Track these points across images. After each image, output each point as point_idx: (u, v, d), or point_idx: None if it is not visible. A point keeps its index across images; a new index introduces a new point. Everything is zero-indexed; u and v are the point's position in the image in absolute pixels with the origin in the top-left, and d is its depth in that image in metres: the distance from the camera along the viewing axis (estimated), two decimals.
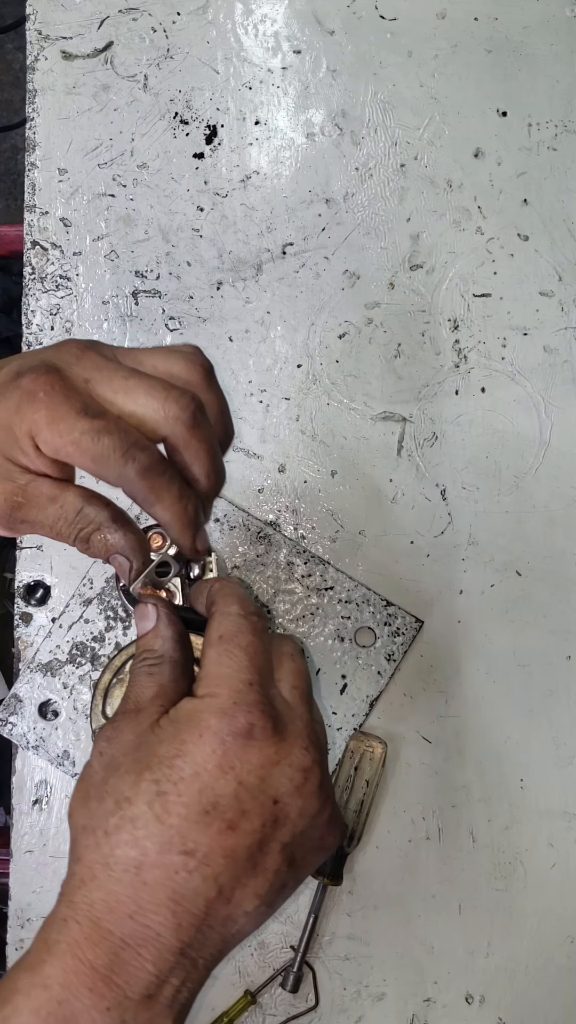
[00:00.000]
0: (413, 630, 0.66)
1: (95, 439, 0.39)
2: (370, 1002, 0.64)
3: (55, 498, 0.42)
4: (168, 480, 0.41)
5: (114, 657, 0.48)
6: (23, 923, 0.65)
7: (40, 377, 0.39)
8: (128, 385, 0.40)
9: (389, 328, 0.70)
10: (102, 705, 0.47)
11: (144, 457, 0.40)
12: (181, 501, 0.41)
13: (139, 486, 0.40)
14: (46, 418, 0.39)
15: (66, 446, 0.39)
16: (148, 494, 0.40)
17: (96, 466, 0.40)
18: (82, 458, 0.39)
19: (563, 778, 0.65)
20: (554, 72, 0.72)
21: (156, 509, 0.41)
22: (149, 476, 0.40)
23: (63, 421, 0.39)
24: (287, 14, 0.73)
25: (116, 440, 0.39)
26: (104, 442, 0.39)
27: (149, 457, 0.40)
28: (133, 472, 0.40)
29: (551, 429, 0.69)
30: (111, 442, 0.39)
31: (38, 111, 0.72)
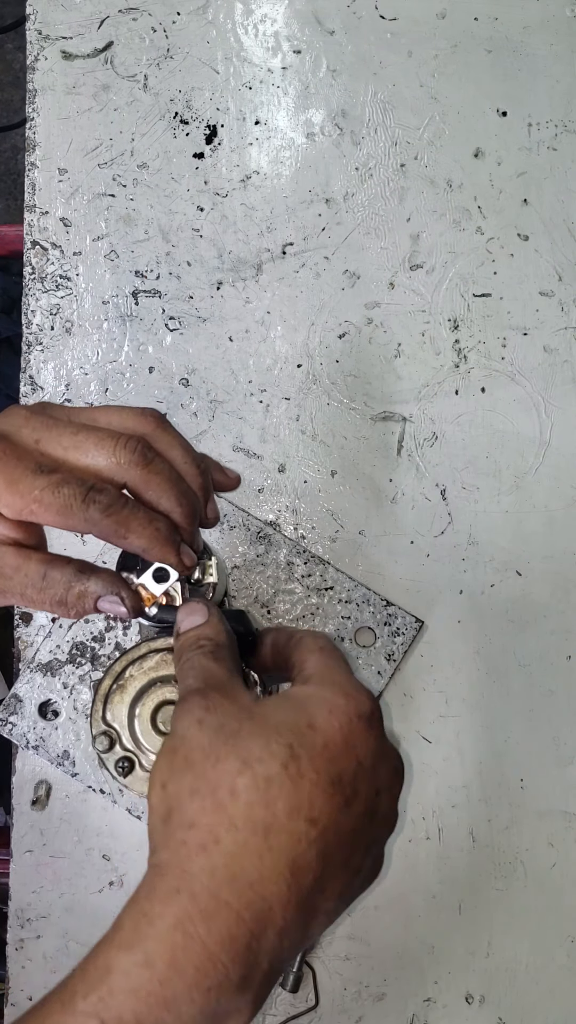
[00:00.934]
0: (413, 630, 0.66)
1: (54, 492, 0.40)
2: (370, 1002, 0.64)
3: (19, 567, 0.43)
4: (131, 510, 0.42)
5: (114, 663, 0.48)
6: (23, 923, 0.65)
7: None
8: (77, 440, 0.42)
9: (389, 328, 0.70)
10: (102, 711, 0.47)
11: (104, 497, 0.41)
12: (151, 524, 0.42)
13: (106, 524, 0.41)
14: (3, 481, 0.40)
15: (28, 505, 0.40)
16: (117, 528, 0.41)
17: (61, 518, 0.41)
18: (46, 513, 0.40)
19: (563, 778, 0.65)
20: (554, 72, 0.72)
21: (130, 540, 0.42)
22: (113, 512, 0.41)
23: (21, 482, 0.40)
24: (287, 14, 0.73)
25: (74, 488, 0.40)
26: (64, 492, 0.40)
27: (108, 496, 0.41)
28: (97, 513, 0.41)
29: (551, 429, 0.69)
30: (70, 491, 0.40)
31: (38, 111, 0.72)
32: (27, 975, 0.65)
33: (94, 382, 0.70)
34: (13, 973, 0.65)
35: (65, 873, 0.65)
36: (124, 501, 0.42)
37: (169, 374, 0.70)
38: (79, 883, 0.65)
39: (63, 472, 0.41)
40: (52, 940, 0.65)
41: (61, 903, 0.65)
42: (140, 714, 0.47)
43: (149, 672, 0.48)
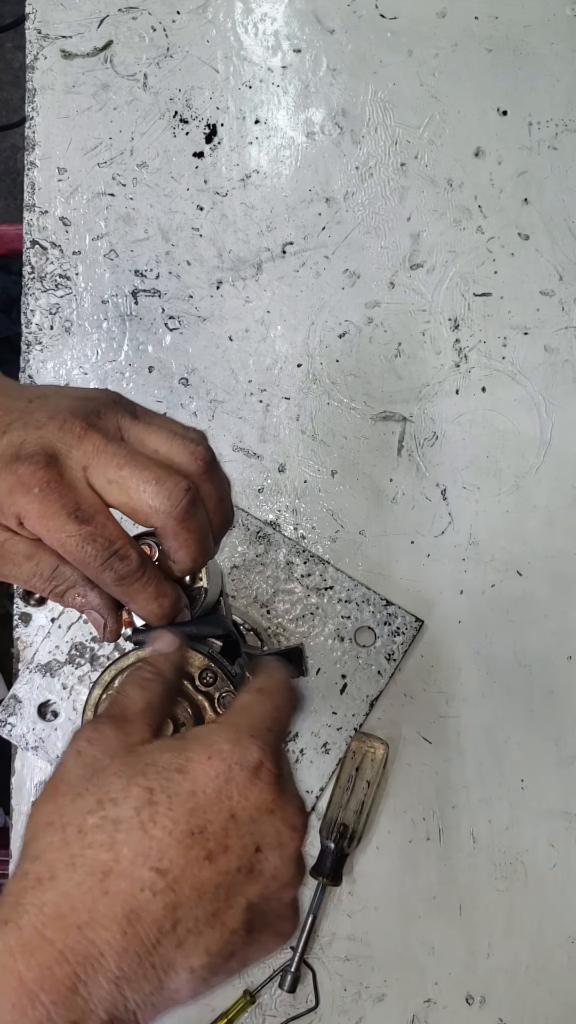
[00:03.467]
0: (413, 630, 0.65)
1: (79, 545, 0.40)
2: (370, 1003, 0.64)
3: (31, 556, 0.43)
4: (143, 584, 0.42)
5: (103, 672, 0.47)
6: None
7: (38, 472, 0.40)
8: (122, 475, 0.41)
9: (389, 327, 0.70)
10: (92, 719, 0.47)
11: (121, 567, 0.41)
12: (155, 601, 0.43)
13: (113, 591, 0.42)
14: (37, 512, 0.40)
15: (51, 541, 0.41)
16: (122, 598, 0.43)
17: (75, 562, 0.41)
18: (64, 555, 0.41)
19: (563, 778, 0.65)
20: (555, 71, 0.72)
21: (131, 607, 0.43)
22: (123, 584, 0.42)
23: (53, 519, 0.40)
24: (287, 13, 0.73)
25: (98, 549, 0.41)
26: (87, 550, 0.40)
27: (126, 567, 0.41)
28: (109, 580, 0.41)
29: (552, 428, 0.68)
30: (93, 550, 0.40)
31: (37, 110, 0.72)
32: None
33: (94, 382, 0.70)
34: None
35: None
36: (139, 574, 0.42)
37: (169, 374, 0.70)
38: None
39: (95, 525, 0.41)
40: None
41: None
42: None
43: None
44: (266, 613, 0.67)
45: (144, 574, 0.42)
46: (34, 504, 0.40)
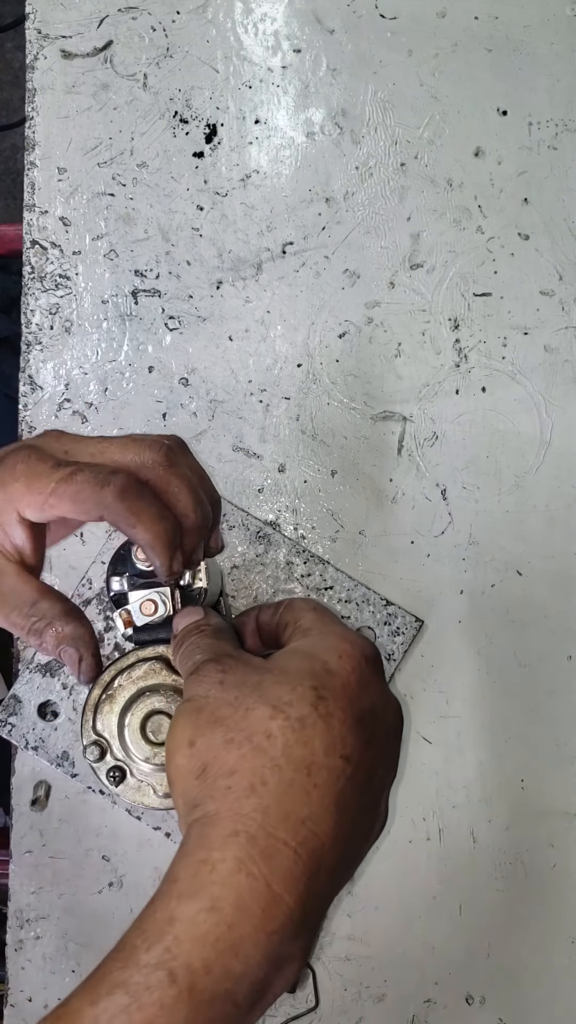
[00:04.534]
0: (413, 629, 0.65)
1: (69, 480, 0.42)
2: (371, 1003, 0.64)
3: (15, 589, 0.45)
4: (147, 502, 0.43)
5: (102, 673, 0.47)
6: (23, 924, 0.65)
7: (20, 451, 0.43)
8: (103, 446, 0.44)
9: (389, 327, 0.70)
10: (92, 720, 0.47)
11: (119, 479, 0.42)
12: (161, 522, 0.43)
13: (118, 508, 0.42)
14: (25, 482, 0.42)
15: (46, 499, 0.42)
16: (128, 515, 0.42)
17: (76, 505, 0.42)
18: (61, 503, 0.42)
19: (563, 778, 0.65)
20: (554, 71, 0.72)
21: (138, 531, 0.43)
22: (127, 497, 0.42)
23: (40, 478, 0.42)
24: (287, 13, 0.73)
25: (88, 474, 0.42)
26: (78, 479, 0.42)
27: (124, 479, 0.42)
28: (111, 496, 0.42)
29: (552, 428, 0.68)
30: (84, 477, 0.42)
31: (37, 110, 0.72)
32: (27, 976, 0.64)
33: (93, 381, 0.70)
34: (12, 974, 0.65)
35: (65, 874, 0.65)
36: (140, 489, 0.43)
37: (169, 374, 0.70)
38: (79, 884, 0.65)
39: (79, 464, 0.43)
40: (52, 941, 0.65)
41: (61, 904, 0.65)
42: (130, 723, 0.47)
43: (138, 681, 0.48)
44: None
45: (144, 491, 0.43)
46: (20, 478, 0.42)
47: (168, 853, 0.65)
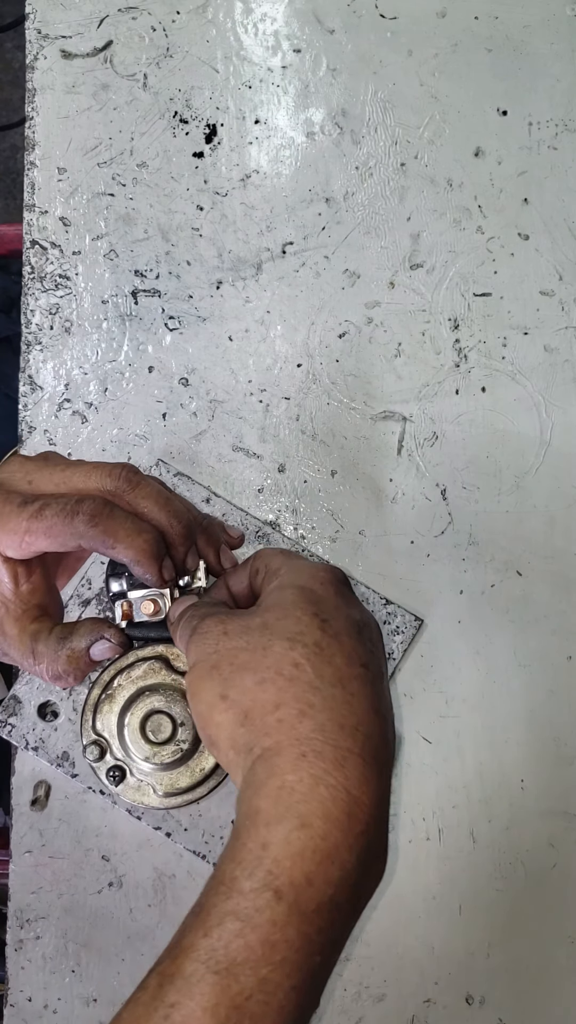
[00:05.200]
0: (413, 628, 0.65)
1: (39, 515, 0.43)
2: (370, 1003, 0.64)
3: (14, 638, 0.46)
4: (120, 521, 0.44)
5: (102, 672, 0.47)
6: (23, 924, 0.65)
7: None
8: (67, 475, 0.45)
9: (389, 327, 0.70)
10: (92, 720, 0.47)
11: (88, 506, 0.44)
12: (139, 535, 0.44)
13: (93, 534, 0.43)
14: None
15: (21, 537, 0.43)
16: (104, 538, 0.44)
17: (51, 538, 0.43)
18: (37, 539, 0.44)
19: (563, 778, 0.65)
20: (555, 71, 0.72)
21: (118, 550, 0.44)
22: (98, 520, 0.43)
23: (10, 519, 0.43)
24: (287, 13, 0.73)
25: (57, 506, 0.43)
26: (47, 514, 0.43)
27: (92, 504, 0.44)
28: (83, 524, 0.43)
29: (551, 429, 0.68)
30: (52, 511, 0.43)
31: (37, 110, 0.72)
32: (27, 975, 0.64)
33: (93, 382, 0.70)
34: (12, 974, 0.65)
35: (65, 874, 0.65)
36: (110, 510, 0.44)
37: (169, 374, 0.70)
38: (78, 884, 0.65)
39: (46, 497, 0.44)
40: (51, 941, 0.65)
41: (60, 904, 0.65)
42: (129, 723, 0.47)
43: (137, 681, 0.48)
44: None
45: (115, 510, 0.44)
46: None
47: (168, 853, 0.65)
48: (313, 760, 0.35)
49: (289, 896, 0.34)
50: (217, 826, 0.64)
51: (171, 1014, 0.33)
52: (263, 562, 0.45)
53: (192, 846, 0.64)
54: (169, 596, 0.48)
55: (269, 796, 0.36)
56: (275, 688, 0.37)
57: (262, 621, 0.40)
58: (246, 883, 0.34)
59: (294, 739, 0.36)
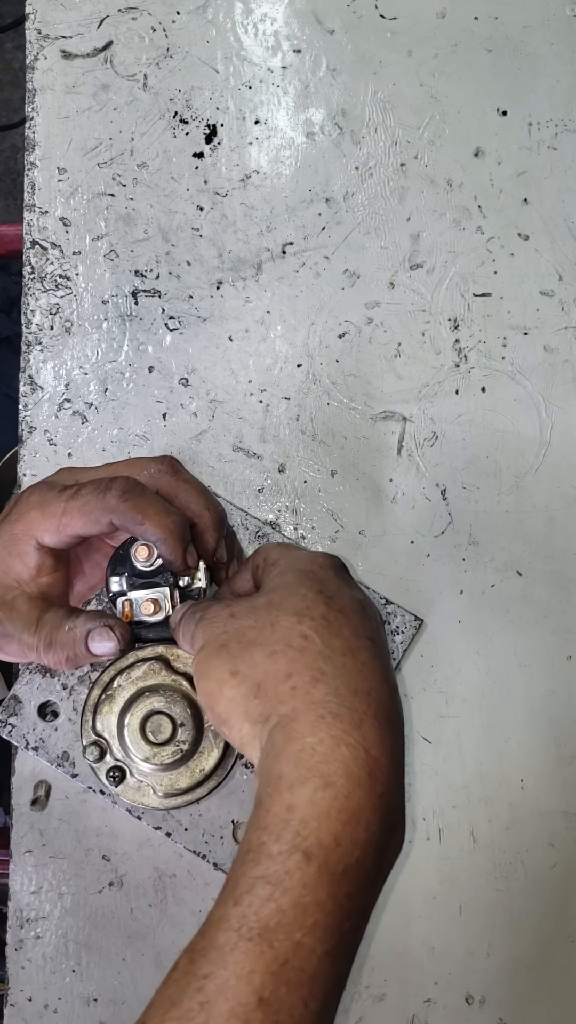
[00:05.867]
0: (413, 628, 0.65)
1: (75, 496, 0.45)
2: (370, 1003, 0.64)
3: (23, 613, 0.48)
4: (151, 499, 0.46)
5: (102, 673, 0.48)
6: (23, 923, 0.65)
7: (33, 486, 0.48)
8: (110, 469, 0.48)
9: (389, 328, 0.70)
10: (92, 720, 0.47)
11: (120, 483, 0.46)
12: (168, 516, 0.46)
13: (123, 509, 0.45)
14: (39, 510, 0.46)
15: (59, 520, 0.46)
16: (134, 514, 0.45)
17: (85, 518, 0.45)
18: (73, 521, 0.46)
19: (563, 778, 0.65)
20: (555, 71, 0.72)
21: (146, 527, 0.45)
22: (130, 497, 0.45)
23: (50, 504, 0.46)
24: (287, 13, 0.73)
25: (91, 487, 0.46)
26: (83, 492, 0.46)
27: (124, 481, 0.46)
28: (114, 499, 0.45)
29: (552, 429, 0.69)
30: (88, 489, 0.46)
31: (37, 110, 0.72)
32: (27, 975, 0.65)
33: (93, 382, 0.70)
34: (13, 973, 0.65)
35: (65, 873, 0.65)
36: (141, 489, 0.46)
37: (169, 374, 0.70)
38: (79, 883, 0.65)
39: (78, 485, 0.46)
40: (52, 940, 0.65)
41: (61, 903, 0.65)
42: (129, 723, 0.47)
43: (137, 681, 0.48)
44: None
45: (146, 490, 0.46)
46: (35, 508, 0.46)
47: (169, 853, 0.65)
48: (331, 721, 0.36)
49: (319, 857, 0.34)
50: (217, 826, 0.64)
51: (204, 985, 0.32)
52: (261, 556, 0.46)
53: (192, 846, 0.64)
54: (169, 597, 0.48)
55: (290, 760, 0.36)
56: (286, 659, 0.38)
57: (267, 600, 0.40)
58: (274, 847, 0.34)
59: (310, 703, 0.36)
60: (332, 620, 0.39)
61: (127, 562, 0.48)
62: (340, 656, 0.38)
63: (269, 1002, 0.32)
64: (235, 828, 0.65)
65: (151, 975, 0.64)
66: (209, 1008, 0.32)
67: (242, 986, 0.32)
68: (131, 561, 0.48)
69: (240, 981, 0.32)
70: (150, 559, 0.47)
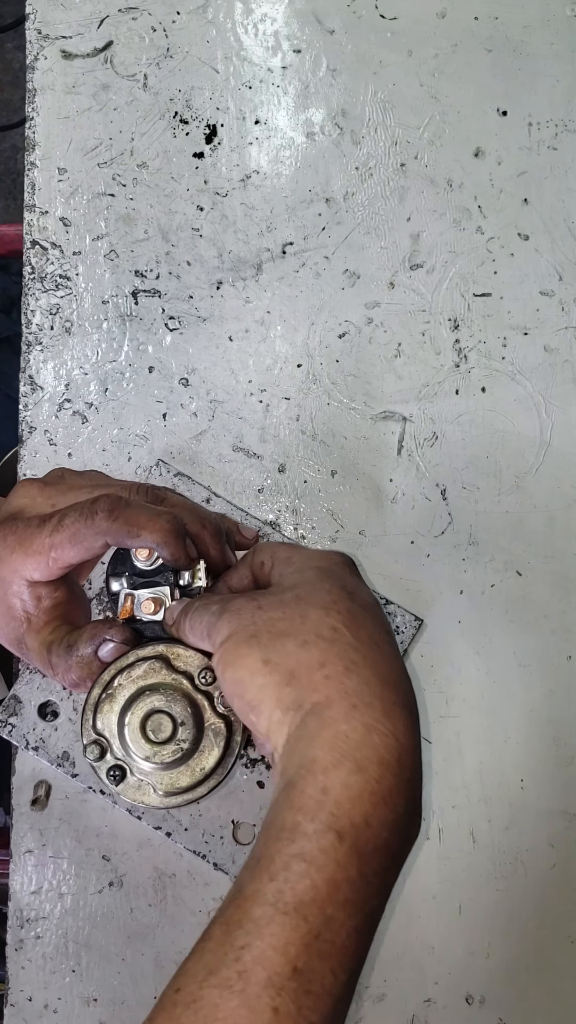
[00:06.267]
0: (412, 628, 0.65)
1: (60, 528, 0.44)
2: (370, 1003, 0.64)
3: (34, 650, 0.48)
4: (138, 507, 0.45)
5: (102, 672, 0.48)
6: (23, 923, 0.65)
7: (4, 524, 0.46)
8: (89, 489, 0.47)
9: (389, 328, 0.70)
10: (92, 719, 0.47)
11: (104, 502, 0.44)
12: (160, 518, 0.45)
13: (116, 527, 0.44)
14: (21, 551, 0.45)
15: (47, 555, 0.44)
16: (128, 528, 0.44)
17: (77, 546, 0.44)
18: (64, 554, 0.44)
19: (563, 778, 0.65)
20: (554, 71, 0.72)
21: (143, 537, 0.45)
22: (118, 512, 0.44)
23: (33, 540, 0.45)
24: (287, 13, 0.73)
25: (75, 512, 0.44)
26: (67, 522, 0.44)
27: (107, 500, 0.44)
28: (103, 520, 0.44)
29: (551, 429, 0.69)
30: (72, 517, 0.44)
31: (38, 110, 0.72)
32: (27, 975, 0.65)
33: (94, 382, 0.70)
34: (13, 973, 0.65)
35: (65, 873, 0.65)
36: (125, 501, 0.45)
37: (169, 374, 0.70)
38: (79, 883, 0.65)
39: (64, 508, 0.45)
40: (52, 941, 0.65)
41: (61, 903, 0.65)
42: (129, 723, 0.47)
43: (138, 680, 0.48)
44: None
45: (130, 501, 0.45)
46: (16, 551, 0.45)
47: (169, 852, 0.65)
48: (364, 711, 0.38)
49: (350, 836, 0.36)
50: (217, 826, 0.64)
51: (242, 956, 0.34)
52: (267, 554, 0.47)
53: (192, 846, 0.64)
54: (170, 596, 0.48)
55: (324, 745, 0.37)
56: (318, 649, 0.39)
57: (293, 596, 0.41)
58: (309, 826, 0.36)
59: (343, 692, 0.38)
60: (356, 614, 0.41)
61: (127, 561, 0.48)
62: (368, 648, 0.40)
63: (302, 972, 0.34)
64: (235, 828, 0.65)
65: (151, 975, 0.64)
66: (247, 977, 0.34)
67: (278, 957, 0.34)
68: (131, 560, 0.48)
69: (276, 952, 0.34)
70: (150, 558, 0.47)
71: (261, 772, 0.65)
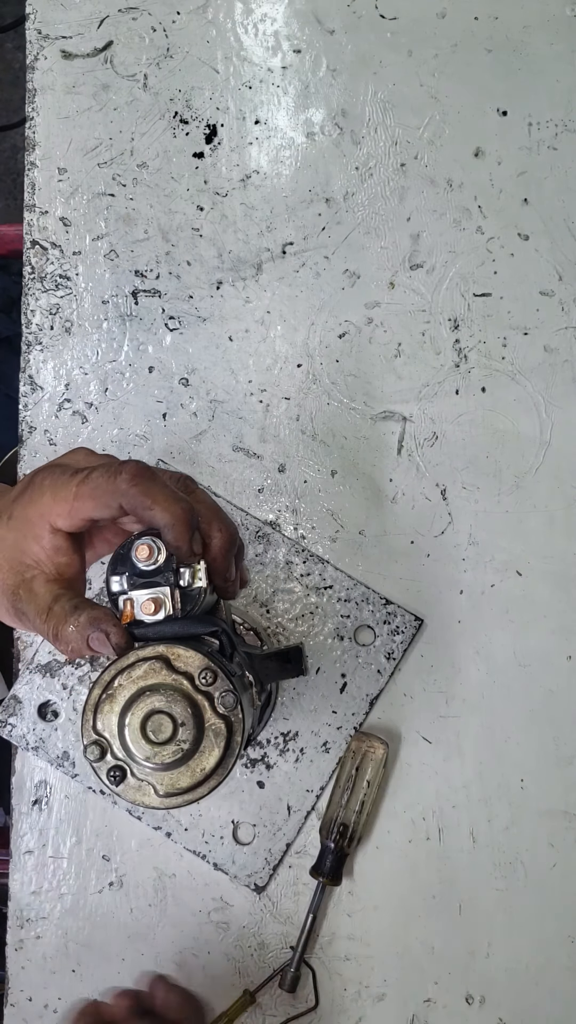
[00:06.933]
0: (412, 628, 0.65)
1: (86, 480, 0.47)
2: (370, 1003, 0.64)
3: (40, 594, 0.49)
4: (160, 486, 0.46)
5: (103, 672, 0.47)
6: (23, 923, 0.65)
7: (44, 469, 0.50)
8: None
9: (389, 328, 0.70)
10: (92, 720, 0.47)
11: (130, 467, 0.46)
12: (178, 503, 0.46)
13: (133, 493, 0.45)
14: (51, 494, 0.48)
15: (71, 504, 0.47)
16: (143, 498, 0.45)
17: (95, 500, 0.46)
18: (84, 505, 0.46)
19: (563, 778, 0.65)
20: (554, 71, 0.72)
21: (155, 512, 0.45)
22: (140, 481, 0.45)
23: (61, 488, 0.47)
24: (287, 13, 0.73)
25: (101, 470, 0.47)
26: (93, 476, 0.47)
27: (135, 466, 0.46)
28: (124, 483, 0.45)
29: (551, 429, 0.69)
30: (98, 473, 0.46)
31: (38, 110, 0.72)
32: (27, 975, 0.65)
33: (94, 382, 0.70)
34: (13, 973, 0.65)
35: (65, 873, 0.65)
36: (152, 473, 0.46)
37: (169, 374, 0.70)
38: (79, 883, 0.65)
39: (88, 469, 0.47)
40: (52, 940, 0.65)
41: (61, 903, 0.65)
42: (130, 723, 0.47)
43: (138, 681, 0.48)
44: (265, 612, 0.67)
45: (157, 477, 0.46)
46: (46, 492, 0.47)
47: (168, 853, 0.65)
48: None
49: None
50: (217, 826, 0.64)
51: None
52: None
53: (192, 846, 0.64)
54: (170, 596, 0.48)
55: None
56: None
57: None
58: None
59: None
60: None
61: (127, 561, 0.48)
62: None
63: None
64: (235, 828, 0.65)
65: None
66: None
67: None
68: (131, 560, 0.48)
69: None
70: (151, 558, 0.47)
71: (261, 772, 0.65)
